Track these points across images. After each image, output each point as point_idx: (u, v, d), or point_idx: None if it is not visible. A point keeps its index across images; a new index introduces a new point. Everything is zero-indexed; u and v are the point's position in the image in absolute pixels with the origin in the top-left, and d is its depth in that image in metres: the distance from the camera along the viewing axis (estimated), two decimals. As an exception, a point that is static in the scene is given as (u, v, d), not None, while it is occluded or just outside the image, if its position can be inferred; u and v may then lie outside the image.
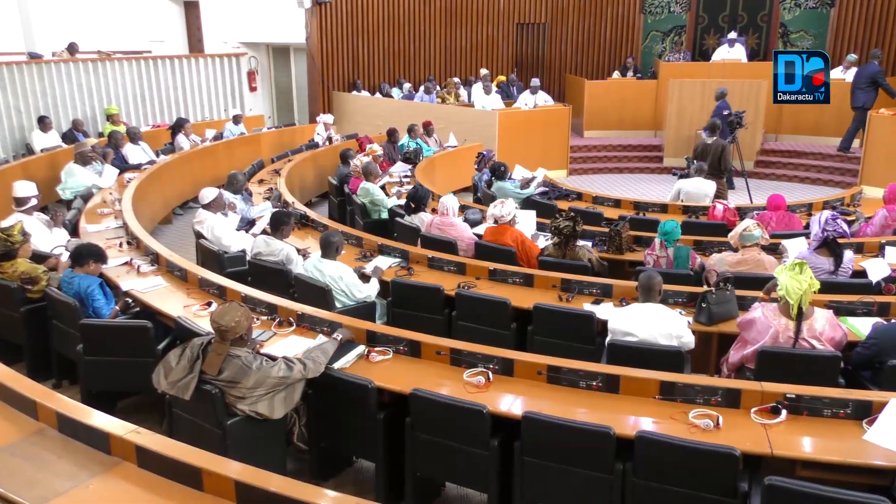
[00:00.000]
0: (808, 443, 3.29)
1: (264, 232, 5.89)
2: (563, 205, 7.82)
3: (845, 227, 5.40)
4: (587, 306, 4.96)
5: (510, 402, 3.67)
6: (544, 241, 6.24)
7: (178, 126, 10.92)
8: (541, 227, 6.70)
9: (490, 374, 3.90)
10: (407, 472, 3.80)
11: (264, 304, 4.79)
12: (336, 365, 3.96)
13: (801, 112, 12.64)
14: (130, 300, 5.06)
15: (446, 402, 3.57)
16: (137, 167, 9.30)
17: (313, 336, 4.42)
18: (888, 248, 5.91)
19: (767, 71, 12.47)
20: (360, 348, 4.18)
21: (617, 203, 8.14)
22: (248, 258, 5.97)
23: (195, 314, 4.79)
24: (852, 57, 12.75)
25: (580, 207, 7.75)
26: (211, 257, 6.27)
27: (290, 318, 4.62)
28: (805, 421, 3.43)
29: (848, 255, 5.38)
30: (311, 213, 7.27)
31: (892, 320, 4.49)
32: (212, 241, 6.41)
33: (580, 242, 5.81)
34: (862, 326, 4.45)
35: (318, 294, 5.06)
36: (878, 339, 4.04)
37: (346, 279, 5.16)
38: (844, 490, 2.79)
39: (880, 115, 10.54)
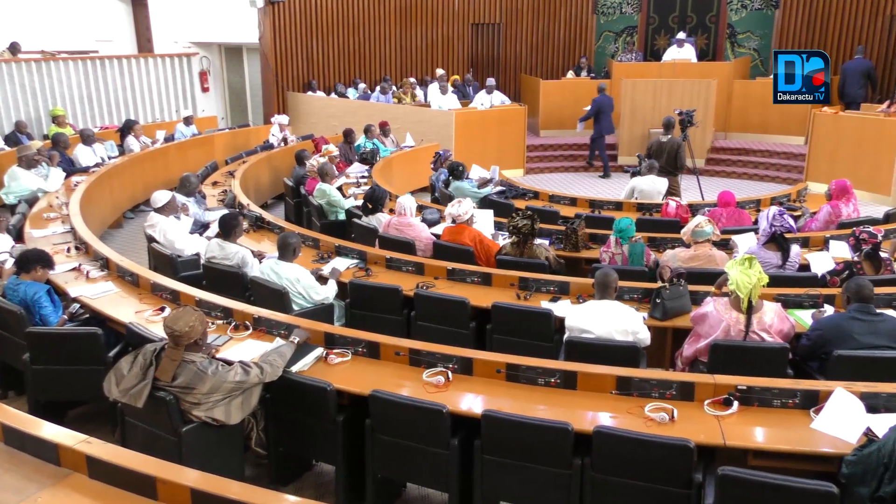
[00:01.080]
0: (758, 433, 3.38)
1: (218, 235, 5.78)
2: (520, 204, 7.88)
3: (792, 222, 5.56)
4: (545, 304, 5.00)
5: (470, 401, 3.68)
6: (503, 240, 6.27)
7: (128, 128, 10.66)
8: (498, 226, 6.73)
9: (449, 373, 3.91)
10: (367, 473, 3.78)
11: (219, 308, 4.71)
12: (294, 368, 3.91)
13: (748, 111, 12.99)
14: (79, 307, 4.92)
15: (406, 403, 3.56)
16: (86, 170, 9.05)
17: (270, 339, 4.36)
18: (832, 242, 6.11)
19: (716, 70, 12.88)
20: (319, 350, 4.14)
21: (573, 201, 8.23)
22: (202, 262, 5.86)
23: (148, 320, 4.68)
24: (797, 57, 13.13)
25: (537, 206, 7.81)
26: (164, 261, 6.14)
27: (247, 322, 4.55)
28: (756, 411, 3.52)
29: (795, 249, 5.54)
30: (267, 215, 7.18)
31: (824, 309, 4.64)
32: (164, 244, 6.27)
33: (537, 241, 5.86)
34: (808, 318, 4.58)
35: (275, 297, 5.00)
36: (822, 330, 4.17)
37: (303, 281, 5.11)
38: (794, 477, 2.88)
39: (823, 113, 10.88)
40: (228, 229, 5.70)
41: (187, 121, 11.77)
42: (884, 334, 4.05)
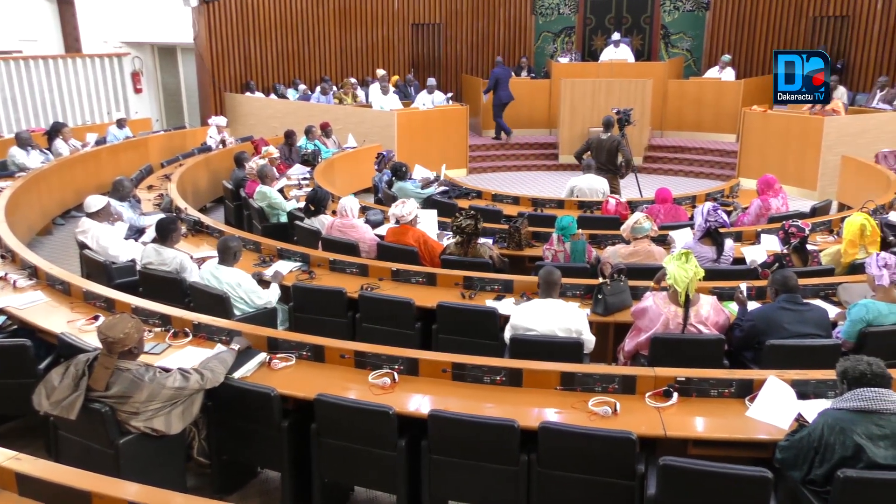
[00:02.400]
0: (697, 422, 3.48)
1: (155, 240, 5.62)
2: (463, 203, 7.91)
3: (725, 217, 5.74)
4: (489, 303, 5.04)
5: (416, 402, 3.68)
6: (447, 240, 6.29)
7: (55, 130, 10.25)
8: (442, 226, 6.75)
9: (395, 374, 3.89)
10: (314, 478, 3.73)
11: (157, 315, 4.58)
12: (236, 374, 3.84)
13: (682, 110, 13.37)
14: (6, 318, 4.71)
15: (352, 406, 3.54)
16: (11, 175, 8.67)
17: (211, 346, 4.26)
18: (763, 236, 6.34)
19: (652, 70, 13.20)
20: (262, 356, 4.07)
21: (516, 200, 8.31)
22: (138, 268, 5.69)
23: (81, 329, 4.51)
24: (726, 57, 13.59)
25: (480, 205, 7.86)
26: (97, 268, 5.93)
27: (186, 329, 4.44)
28: (694, 402, 3.62)
29: (728, 243, 5.73)
30: (206, 219, 7.02)
31: (742, 291, 4.80)
32: (98, 251, 6.06)
33: (481, 240, 5.90)
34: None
35: (216, 302, 4.89)
36: (754, 321, 4.32)
37: (244, 285, 5.02)
38: (731, 465, 2.98)
39: (753, 111, 11.28)
40: (165, 234, 5.54)
41: (120, 123, 11.41)
42: (811, 323, 4.23)
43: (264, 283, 5.31)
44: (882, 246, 5.72)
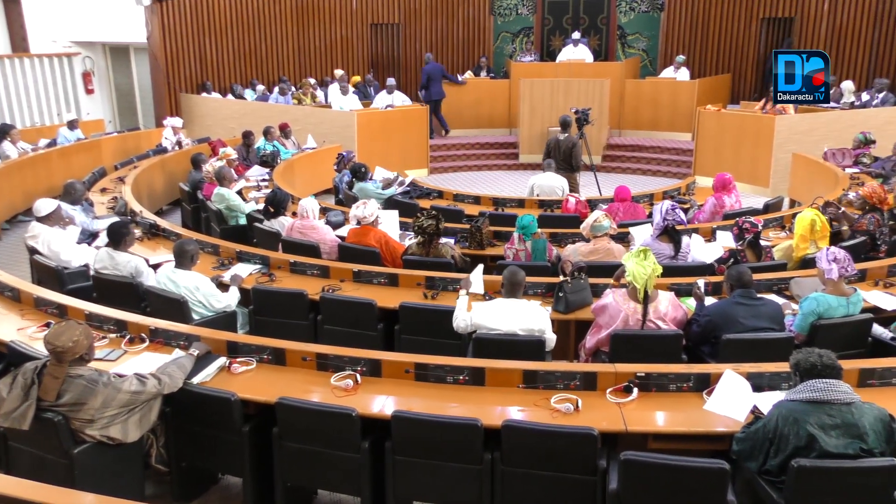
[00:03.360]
0: (657, 417, 3.54)
1: (108, 244, 5.48)
2: (424, 203, 7.90)
3: (683, 215, 5.84)
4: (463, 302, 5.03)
5: (380, 403, 3.67)
6: (409, 241, 6.28)
7: (3, 133, 9.91)
8: (404, 227, 6.73)
9: (358, 376, 3.87)
10: (277, 483, 3.69)
11: (112, 321, 4.48)
12: (195, 380, 3.77)
13: (639, 109, 13.57)
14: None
15: (314, 409, 3.51)
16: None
17: (169, 351, 4.18)
18: (719, 233, 6.47)
19: (609, 70, 13.37)
20: (221, 360, 4.01)
21: (477, 200, 8.33)
22: (91, 273, 5.55)
23: (31, 337, 4.38)
24: (681, 58, 13.84)
25: (442, 205, 7.86)
26: (48, 274, 5.76)
27: (143, 334, 4.35)
28: (654, 397, 3.68)
29: (685, 240, 5.83)
30: (162, 222, 6.88)
31: (699, 286, 4.91)
32: (49, 256, 5.89)
33: (443, 240, 5.90)
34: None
35: (173, 307, 4.80)
36: (710, 316, 4.41)
37: (202, 289, 4.93)
38: (690, 457, 3.04)
39: (707, 111, 11.51)
40: (119, 238, 5.42)
41: (71, 124, 11.11)
42: (765, 317, 4.33)
43: (223, 287, 5.23)
44: (831, 241, 5.89)
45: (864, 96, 11.84)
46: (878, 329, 4.55)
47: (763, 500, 3.14)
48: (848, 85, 12.19)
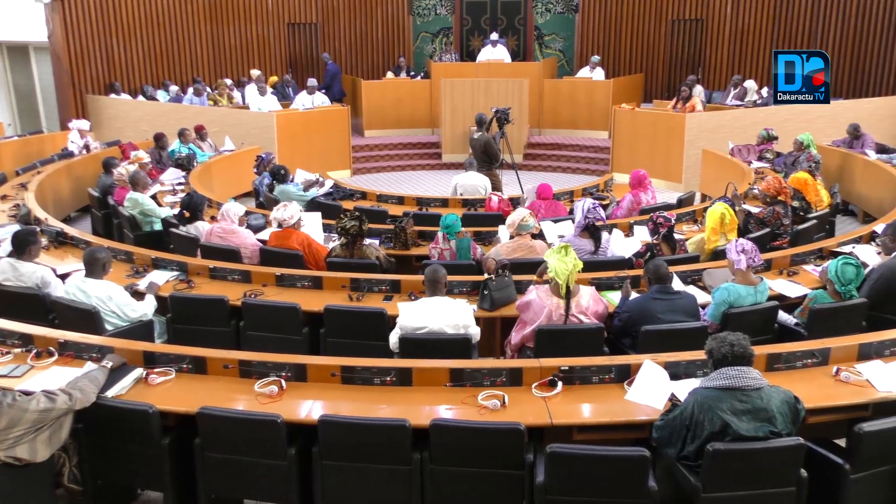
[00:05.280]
0: (581, 409, 3.63)
1: (11, 254, 5.18)
2: (348, 205, 7.83)
3: (603, 213, 5.99)
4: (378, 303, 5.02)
5: (306, 408, 3.61)
6: (333, 243, 6.20)
7: None
8: (327, 229, 6.65)
9: (283, 381, 3.80)
10: (200, 496, 3.58)
11: (16, 335, 4.24)
12: (110, 393, 3.62)
13: (558, 108, 13.86)
14: None
15: (237, 417, 3.43)
16: None
17: (80, 365, 3.99)
18: (636, 227, 6.68)
19: (528, 70, 13.60)
20: (138, 371, 3.86)
21: (400, 200, 8.32)
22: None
23: (-74, 356, 4.10)
24: (595, 58, 14.23)
25: (365, 206, 7.81)
26: (-57, 288, 5.40)
27: (51, 348, 4.13)
28: (578, 389, 3.77)
29: (605, 236, 6.00)
30: (70, 230, 6.57)
31: (628, 280, 5.07)
32: (-56, 268, 5.51)
33: (367, 241, 5.86)
34: (618, 298, 4.97)
35: (84, 318, 4.58)
36: (630, 312, 4.56)
37: (116, 299, 4.73)
38: (613, 447, 3.13)
39: (622, 109, 11.87)
40: (22, 247, 5.13)
41: (-34, 128, 10.45)
42: (681, 310, 4.50)
43: (139, 295, 5.04)
44: (740, 233, 6.19)
45: (765, 94, 12.47)
46: (783, 315, 4.81)
47: (681, 484, 3.27)
48: (751, 84, 12.83)
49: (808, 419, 3.36)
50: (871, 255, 5.69)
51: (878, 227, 6.19)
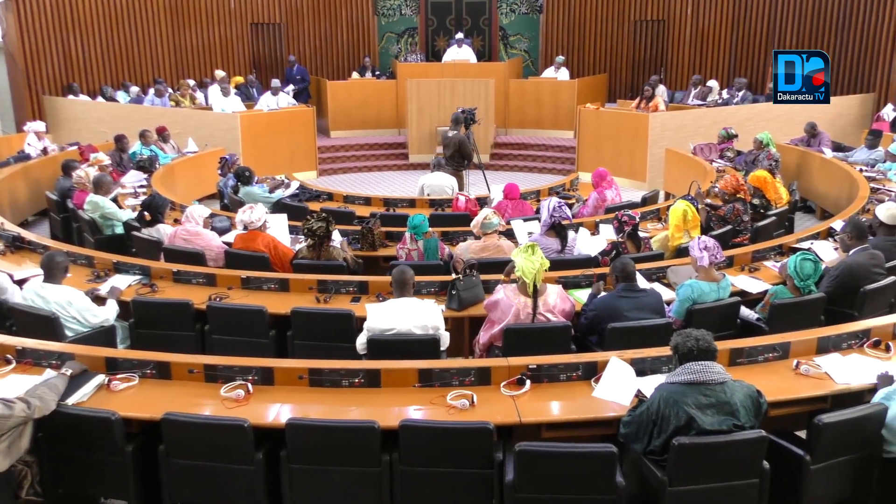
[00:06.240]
0: (549, 407, 3.66)
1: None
2: (314, 206, 7.77)
3: (569, 212, 6.04)
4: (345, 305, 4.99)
5: (273, 412, 3.58)
6: (299, 245, 6.15)
7: None
8: (293, 231, 6.59)
9: (250, 385, 3.76)
10: (165, 503, 3.52)
11: (-28, 344, 4.12)
12: (70, 400, 3.54)
13: (524, 108, 13.93)
14: None
15: (203, 422, 3.39)
16: None
17: (40, 372, 3.90)
18: (602, 226, 6.75)
19: (493, 70, 13.65)
20: (100, 378, 3.78)
21: (367, 201, 8.28)
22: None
23: None
24: (560, 58, 14.33)
25: (332, 207, 7.76)
26: None
27: (8, 356, 4.04)
28: (546, 387, 3.80)
29: (571, 234, 6.05)
30: (28, 234, 6.42)
31: (600, 283, 5.12)
32: None
33: (334, 239, 5.83)
34: (586, 297, 5.01)
35: (43, 324, 4.48)
36: (596, 311, 4.60)
37: (76, 304, 4.63)
38: (581, 444, 3.16)
39: (587, 109, 11.98)
40: (-22, 253, 4.99)
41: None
42: (647, 308, 4.56)
43: (100, 300, 4.94)
44: (703, 230, 6.29)
45: (725, 94, 12.71)
46: (745, 311, 4.91)
47: (648, 479, 3.31)
48: (713, 84, 13.05)
49: (769, 412, 3.43)
50: (828, 252, 5.83)
51: (836, 224, 6.36)
